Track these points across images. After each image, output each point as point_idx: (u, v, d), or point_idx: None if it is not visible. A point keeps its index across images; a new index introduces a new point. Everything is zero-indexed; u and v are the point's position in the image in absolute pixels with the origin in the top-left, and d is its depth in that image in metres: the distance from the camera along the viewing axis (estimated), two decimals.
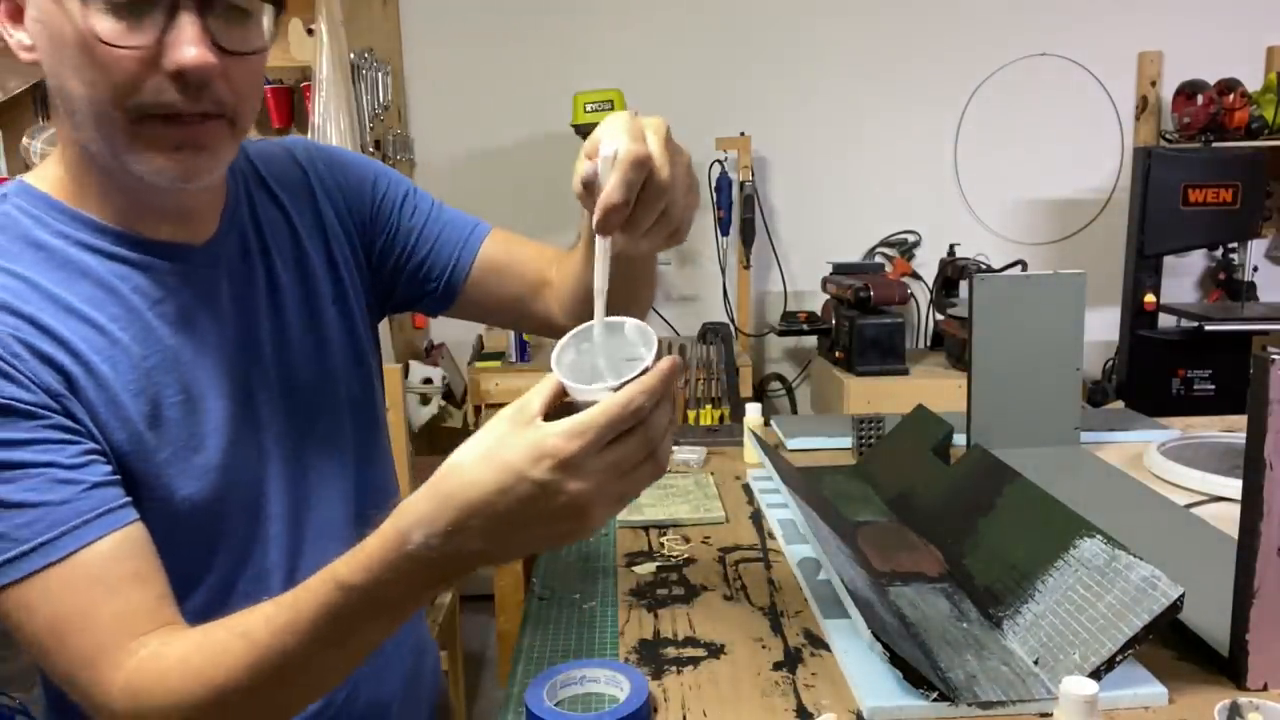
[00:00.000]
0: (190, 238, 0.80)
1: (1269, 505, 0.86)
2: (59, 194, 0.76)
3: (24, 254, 0.73)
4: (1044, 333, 1.54)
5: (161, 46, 0.67)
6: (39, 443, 0.68)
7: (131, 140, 0.70)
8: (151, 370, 0.75)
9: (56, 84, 0.70)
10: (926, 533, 1.24)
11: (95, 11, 0.66)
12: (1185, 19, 3.08)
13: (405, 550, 0.62)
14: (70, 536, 0.67)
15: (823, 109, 3.17)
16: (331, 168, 0.95)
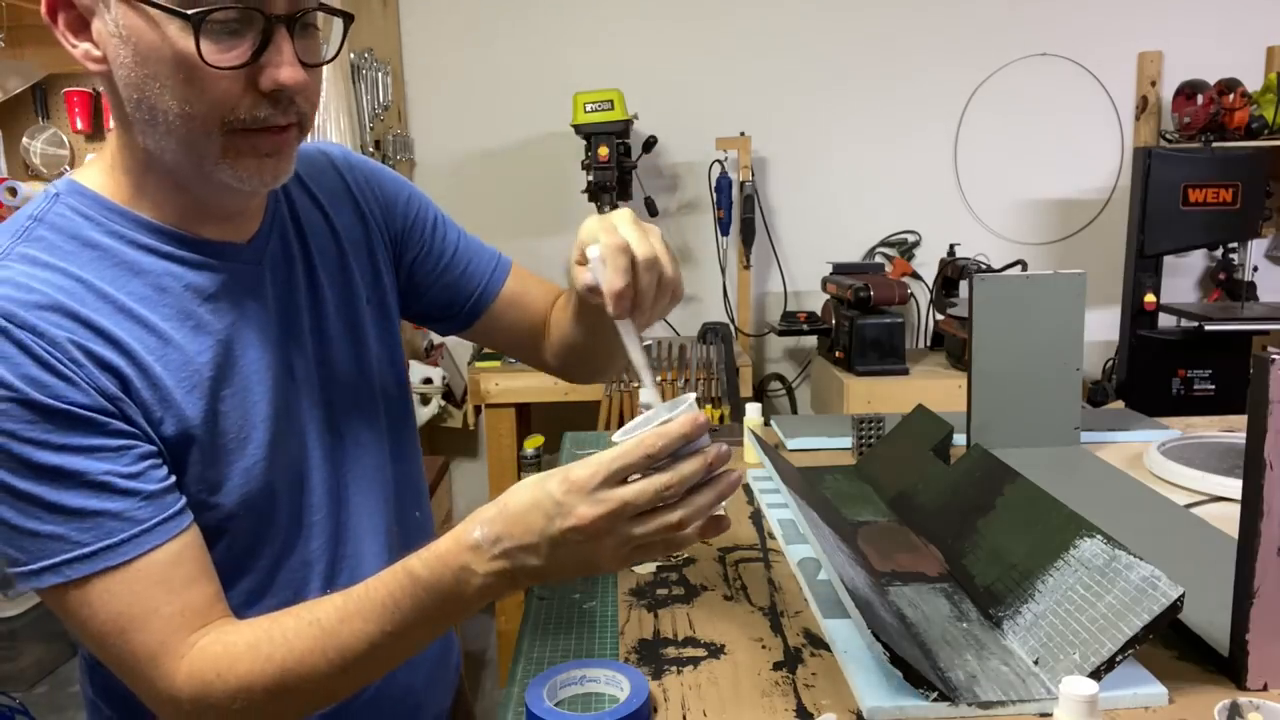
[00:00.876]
0: (236, 236, 0.83)
1: (1269, 505, 0.86)
2: (111, 194, 0.78)
3: (79, 253, 0.75)
4: (1044, 333, 1.54)
5: (257, 66, 0.71)
6: (98, 450, 0.71)
7: (224, 151, 0.73)
8: (203, 366, 0.78)
9: (138, 97, 0.72)
10: (926, 533, 1.24)
11: (189, 34, 0.68)
12: (1185, 19, 3.08)
13: (469, 543, 0.70)
14: (131, 544, 0.71)
15: (823, 109, 3.17)
16: (369, 179, 0.98)
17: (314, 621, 0.73)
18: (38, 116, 3.20)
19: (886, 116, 3.16)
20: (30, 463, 0.69)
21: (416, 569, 0.72)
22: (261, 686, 0.72)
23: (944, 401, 1.60)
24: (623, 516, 0.68)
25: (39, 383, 0.69)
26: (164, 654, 0.72)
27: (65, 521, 0.70)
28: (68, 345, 0.71)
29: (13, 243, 0.74)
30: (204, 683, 0.72)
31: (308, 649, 0.72)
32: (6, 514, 0.70)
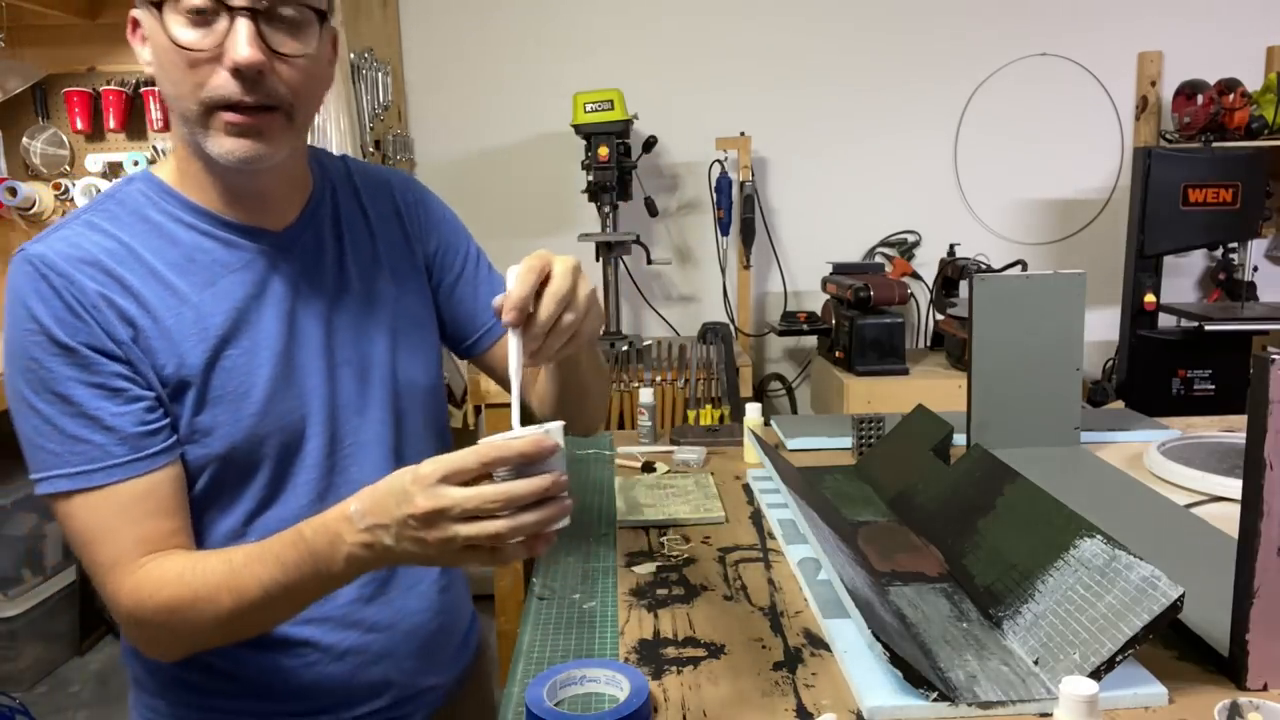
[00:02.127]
0: (269, 224, 0.95)
1: (1269, 505, 0.86)
2: (172, 182, 0.93)
3: (134, 225, 0.90)
4: (1044, 333, 1.54)
5: (223, 49, 0.82)
6: (96, 388, 0.85)
7: (205, 128, 0.85)
8: (214, 325, 0.90)
9: (160, 90, 0.87)
10: (926, 533, 1.24)
11: (175, 24, 0.82)
12: (1185, 19, 3.08)
13: (346, 514, 0.78)
14: (102, 474, 0.85)
15: (823, 109, 3.17)
16: (417, 203, 1.10)
17: (227, 560, 0.84)
18: (38, 116, 3.20)
19: (886, 116, 3.17)
20: (47, 389, 0.84)
21: (304, 530, 0.81)
22: (176, 608, 0.84)
23: (944, 401, 1.60)
24: (449, 514, 0.73)
25: (63, 322, 0.84)
26: (115, 569, 0.85)
27: (62, 443, 0.85)
28: (94, 294, 0.85)
29: (86, 212, 0.90)
30: (139, 599, 0.85)
31: (217, 583, 0.83)
32: (26, 429, 0.86)
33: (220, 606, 0.83)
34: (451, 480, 0.73)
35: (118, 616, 0.88)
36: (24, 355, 0.85)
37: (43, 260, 0.85)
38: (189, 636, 0.87)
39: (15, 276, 0.86)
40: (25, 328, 0.85)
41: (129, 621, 0.87)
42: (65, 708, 2.78)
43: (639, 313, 3.27)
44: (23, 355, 0.85)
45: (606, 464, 1.65)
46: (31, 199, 3.13)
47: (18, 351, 0.85)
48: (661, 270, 3.23)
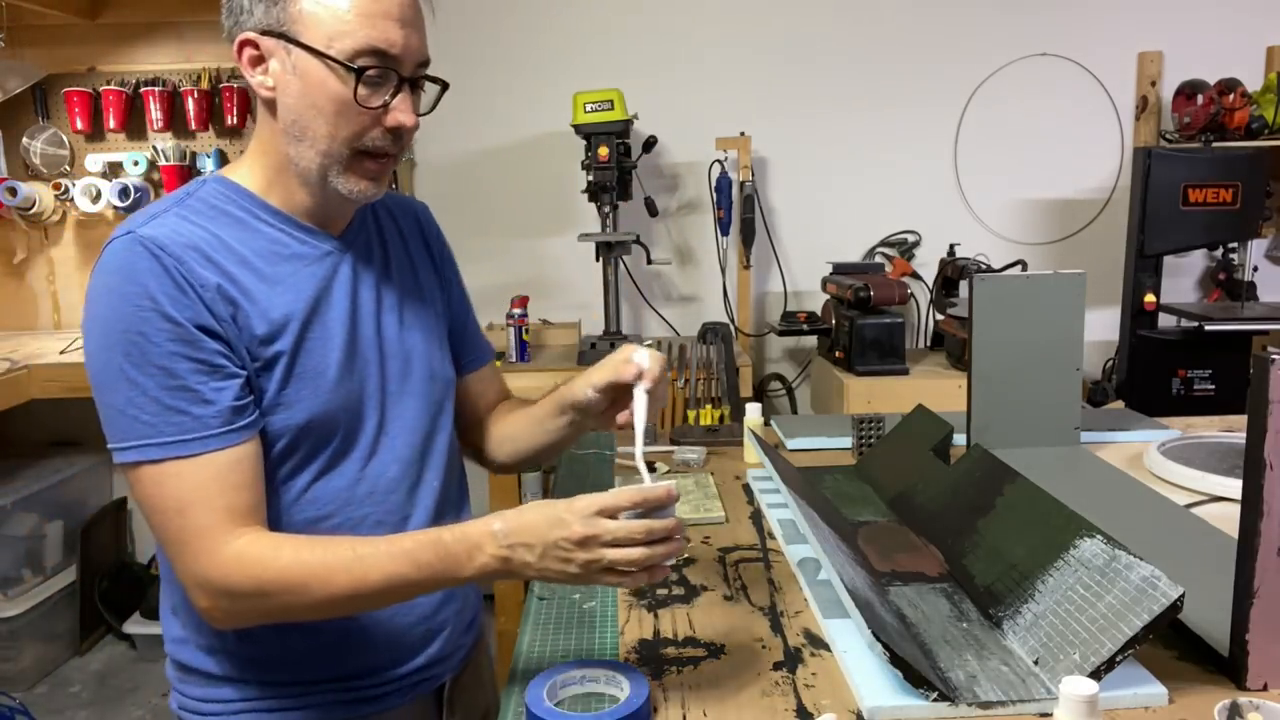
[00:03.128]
0: (331, 229, 1.06)
1: (1269, 505, 0.86)
2: (248, 185, 1.02)
3: (217, 219, 0.99)
4: (1044, 333, 1.54)
5: (387, 109, 0.97)
6: (197, 363, 0.92)
7: (347, 168, 0.99)
8: (299, 310, 1.00)
9: (294, 119, 0.97)
10: (926, 533, 1.24)
11: (349, 81, 0.94)
12: (1185, 19, 3.08)
13: (489, 529, 0.91)
14: (199, 443, 0.91)
15: (823, 109, 3.17)
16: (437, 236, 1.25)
17: (350, 547, 0.92)
18: (38, 116, 3.20)
19: (887, 116, 3.16)
20: (148, 361, 0.90)
21: (443, 535, 0.92)
22: (286, 584, 0.90)
23: (944, 401, 1.60)
24: (601, 540, 0.88)
25: (175, 299, 0.91)
26: (209, 535, 0.91)
27: (159, 414, 0.90)
28: (202, 276, 0.93)
29: (172, 206, 0.98)
30: (239, 569, 0.90)
31: (340, 563, 0.91)
32: (117, 400, 0.91)
33: (333, 588, 0.91)
34: (604, 513, 0.88)
35: (198, 583, 0.92)
36: (129, 329, 0.90)
37: (155, 242, 0.92)
38: (281, 612, 0.93)
39: (125, 255, 0.92)
40: (136, 303, 0.90)
41: (217, 590, 0.91)
42: (65, 708, 2.78)
43: (639, 313, 3.27)
44: (128, 329, 0.90)
45: (606, 464, 1.65)
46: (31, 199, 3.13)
47: (122, 325, 0.90)
48: (661, 270, 3.23)
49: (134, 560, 3.38)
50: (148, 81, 3.14)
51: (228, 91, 3.12)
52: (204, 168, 3.19)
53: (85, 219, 3.26)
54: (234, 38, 0.98)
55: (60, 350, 2.85)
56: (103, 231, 3.27)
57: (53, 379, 2.72)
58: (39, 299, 3.31)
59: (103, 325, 0.92)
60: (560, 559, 0.89)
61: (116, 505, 3.33)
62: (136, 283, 0.91)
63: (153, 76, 3.16)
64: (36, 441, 3.30)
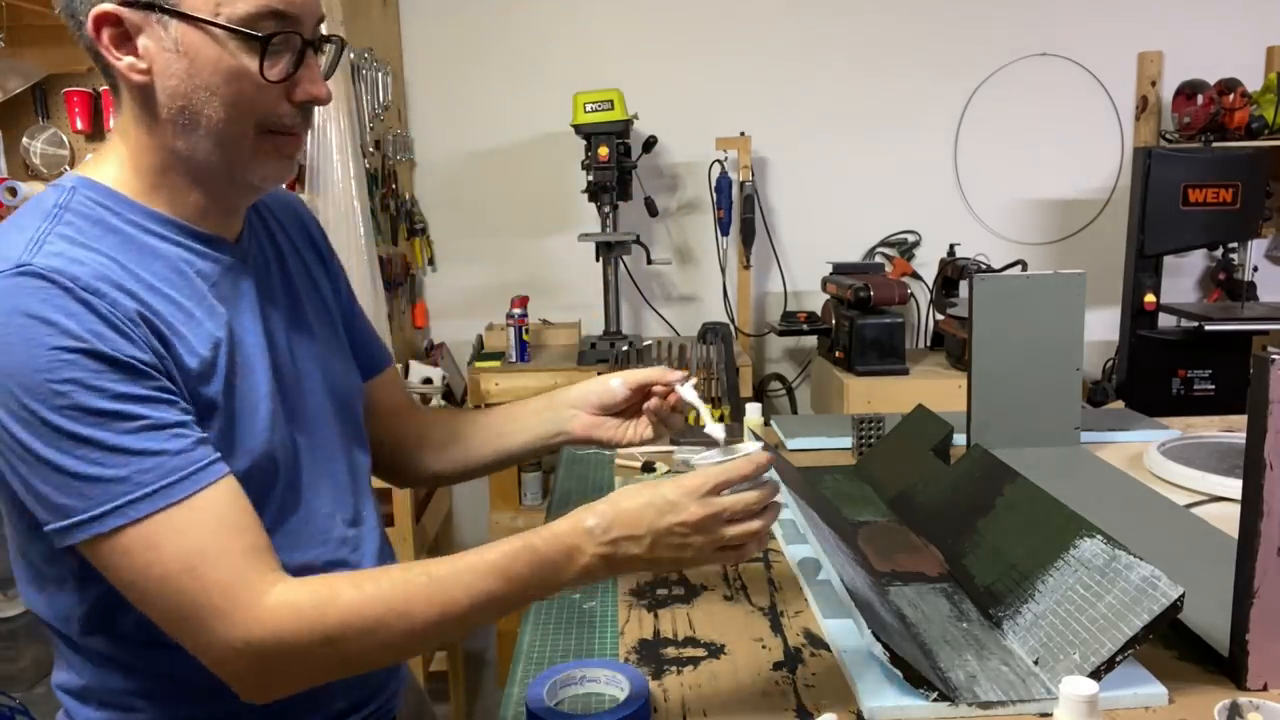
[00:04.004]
0: (227, 234, 0.91)
1: (1269, 505, 0.86)
2: (124, 189, 0.85)
3: (104, 238, 0.81)
4: (1044, 333, 1.54)
5: (293, 81, 0.83)
6: (153, 400, 0.76)
7: (254, 153, 0.84)
8: (220, 342, 0.85)
9: (183, 104, 0.81)
10: (926, 533, 1.24)
11: (248, 51, 0.80)
12: (1185, 19, 3.08)
13: (584, 528, 0.82)
14: (191, 480, 0.76)
15: (823, 109, 3.17)
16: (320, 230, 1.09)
17: (424, 572, 0.80)
18: (38, 116, 3.20)
19: (887, 116, 3.16)
20: (93, 408, 0.73)
21: (535, 542, 0.82)
22: (360, 623, 0.76)
23: (944, 401, 1.60)
24: (720, 519, 0.82)
25: (103, 337, 0.75)
26: (238, 589, 0.75)
27: (126, 463, 0.74)
28: (126, 307, 0.77)
29: (49, 224, 0.80)
30: (293, 621, 0.75)
31: (417, 594, 0.78)
32: (67, 462, 0.73)
33: (414, 621, 0.78)
34: (716, 491, 0.82)
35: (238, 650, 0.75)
36: (51, 378, 0.72)
37: (58, 272, 0.75)
38: (344, 663, 0.80)
39: (23, 294, 0.74)
40: (56, 343, 0.73)
41: (266, 651, 0.75)
42: None
43: (639, 313, 3.27)
44: (48, 378, 0.72)
45: (606, 464, 1.65)
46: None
47: (41, 377, 0.72)
48: (661, 270, 3.23)
49: None
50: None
51: None
52: None
53: None
54: (79, 13, 0.80)
55: None
56: None
57: None
58: None
59: (14, 382, 0.72)
60: (674, 545, 0.82)
61: None
62: (47, 321, 0.73)
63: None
64: None
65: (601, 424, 1.13)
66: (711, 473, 0.84)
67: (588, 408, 1.13)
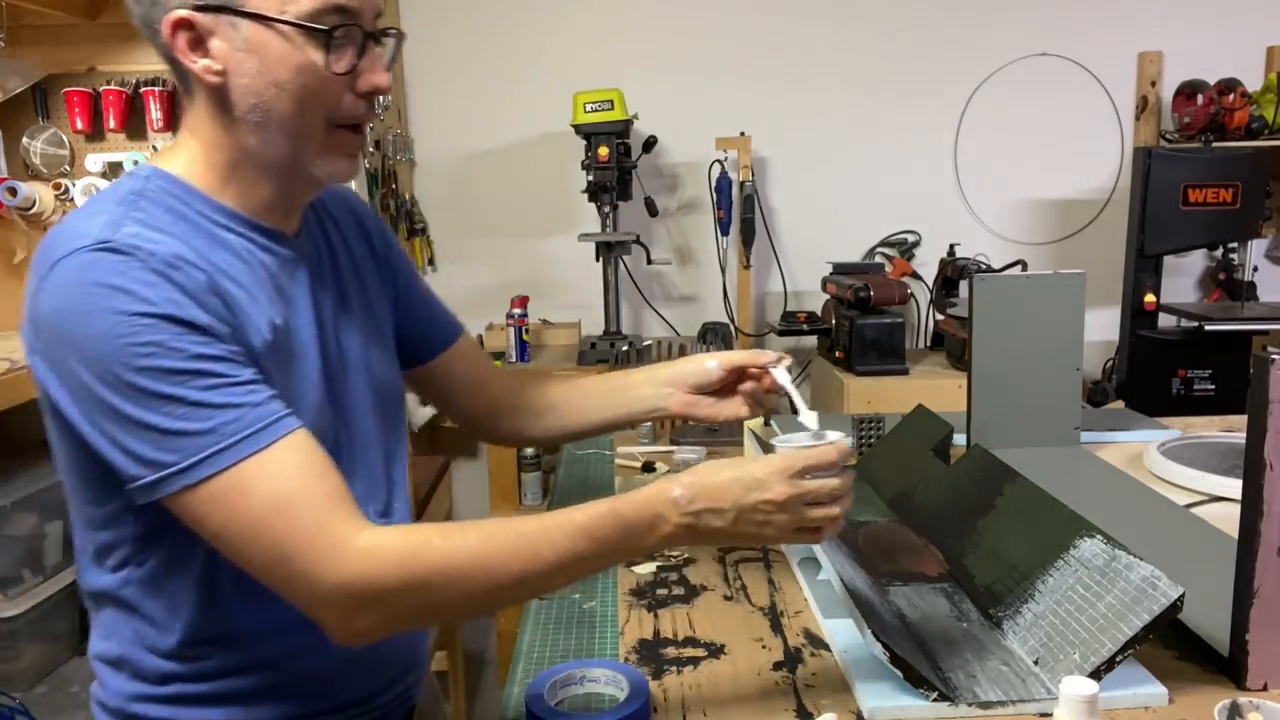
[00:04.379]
0: (287, 228, 0.95)
1: (1269, 505, 0.86)
2: (195, 183, 0.89)
3: (174, 225, 0.85)
4: (1044, 333, 1.54)
5: (356, 73, 0.86)
6: (229, 359, 0.80)
7: (323, 148, 0.88)
8: (279, 328, 0.89)
9: (255, 101, 0.85)
10: (926, 533, 1.24)
11: (314, 45, 0.84)
12: (1185, 19, 3.08)
13: (669, 497, 0.84)
14: (271, 429, 0.79)
15: (823, 109, 3.17)
16: (375, 219, 1.13)
17: (512, 529, 0.82)
18: (38, 116, 3.20)
19: (887, 116, 3.16)
20: (175, 368, 0.77)
21: (621, 507, 0.84)
22: (449, 572, 0.80)
23: (944, 401, 1.60)
24: (803, 500, 0.85)
25: (179, 304, 0.79)
26: (328, 531, 0.78)
27: (211, 416, 0.77)
28: (200, 280, 0.82)
29: (126, 209, 0.84)
30: (382, 563, 0.78)
31: (505, 546, 0.81)
32: (155, 419, 0.77)
33: (499, 574, 0.81)
34: (802, 474, 0.85)
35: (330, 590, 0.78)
36: (134, 341, 0.76)
37: (136, 248, 0.79)
38: (431, 610, 0.84)
39: (102, 266, 0.78)
40: (137, 309, 0.77)
41: (358, 594, 0.78)
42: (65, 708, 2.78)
43: (639, 313, 3.27)
44: (132, 342, 0.76)
45: (606, 464, 1.65)
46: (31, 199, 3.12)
47: (123, 341, 0.76)
48: (661, 270, 3.23)
49: None
50: (148, 81, 3.14)
51: None
52: None
53: None
54: (154, 20, 0.84)
55: None
56: None
57: None
58: None
59: (98, 349, 0.77)
60: (758, 522, 0.85)
61: None
62: (128, 291, 0.77)
63: (153, 76, 3.16)
64: (36, 441, 3.29)
65: (697, 402, 1.18)
66: (800, 455, 0.86)
67: (684, 386, 1.17)
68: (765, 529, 0.86)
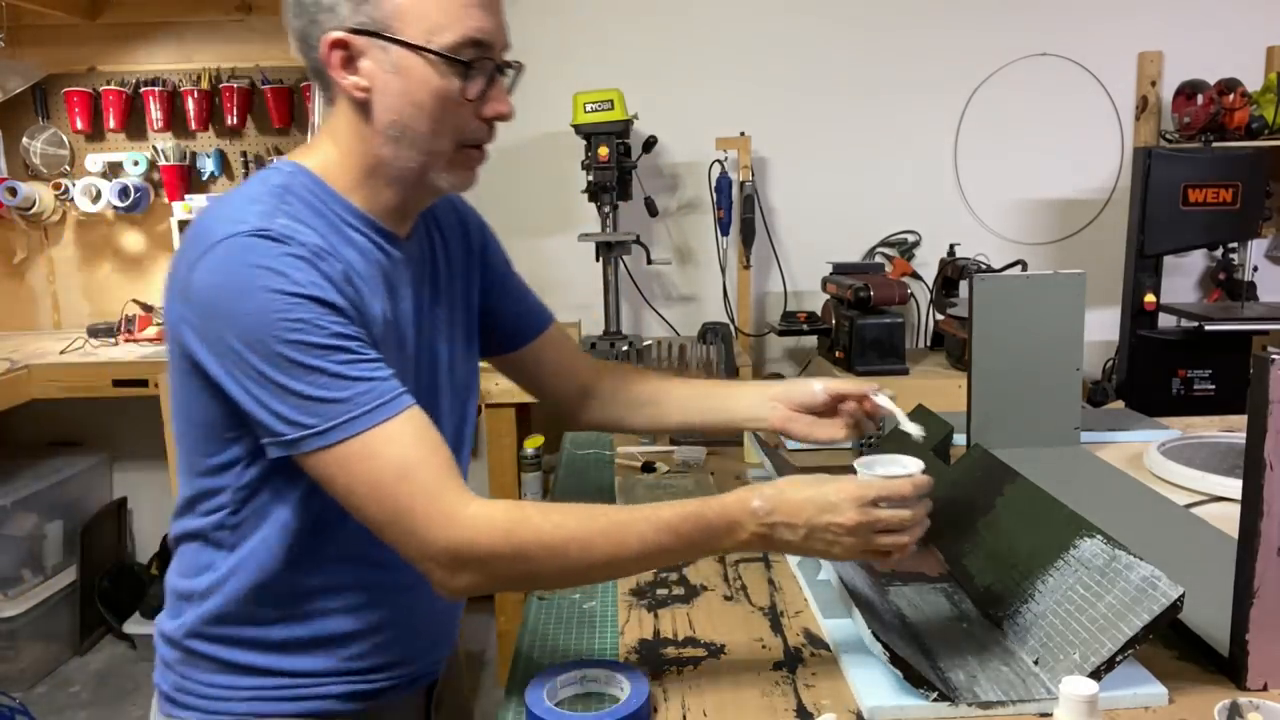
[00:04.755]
0: (401, 232, 1.03)
1: (1269, 505, 0.86)
2: (330, 182, 0.98)
3: (313, 220, 0.94)
4: (1044, 333, 1.54)
5: (484, 100, 0.97)
6: (360, 339, 0.90)
7: (449, 164, 0.98)
8: (388, 321, 0.98)
9: (395, 118, 0.94)
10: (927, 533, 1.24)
11: (452, 74, 0.94)
12: (1185, 19, 3.08)
13: (749, 508, 0.91)
14: (396, 403, 0.89)
15: (823, 108, 3.17)
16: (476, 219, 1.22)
17: (605, 514, 0.91)
18: (38, 116, 3.20)
19: (886, 116, 3.16)
20: (318, 343, 0.87)
21: (705, 511, 0.91)
22: (546, 544, 0.88)
23: (944, 401, 1.60)
24: (873, 528, 0.91)
25: (323, 287, 0.89)
26: (443, 496, 0.87)
27: (348, 387, 0.87)
28: (337, 268, 0.91)
29: (277, 200, 0.93)
30: (491, 528, 0.87)
31: (598, 529, 0.89)
32: (299, 386, 0.86)
33: (592, 554, 0.89)
34: (874, 503, 0.90)
35: (442, 550, 0.87)
36: (285, 316, 0.86)
37: (288, 237, 0.89)
38: (530, 578, 0.93)
39: (257, 250, 0.88)
40: (288, 290, 0.87)
41: (467, 556, 0.87)
42: (65, 708, 2.78)
43: (639, 313, 3.27)
44: (283, 317, 0.86)
45: (607, 464, 1.65)
46: (31, 199, 3.13)
47: (276, 315, 0.86)
48: (661, 270, 3.23)
49: (134, 560, 3.38)
50: (148, 81, 3.15)
51: (228, 91, 3.12)
52: (204, 168, 3.19)
53: (85, 219, 3.26)
54: (311, 37, 0.94)
55: (60, 350, 2.85)
56: (103, 231, 3.28)
57: (53, 379, 2.72)
58: (39, 299, 3.31)
59: (251, 321, 0.86)
60: (827, 541, 0.91)
61: (116, 505, 3.33)
62: (280, 273, 0.87)
63: (153, 76, 3.17)
64: (36, 441, 3.30)
65: (797, 419, 1.23)
66: (875, 485, 0.91)
67: (789, 403, 1.23)
68: (834, 548, 0.92)
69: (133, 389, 2.70)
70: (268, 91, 3.11)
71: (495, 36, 0.97)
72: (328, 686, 1.02)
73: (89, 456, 3.27)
